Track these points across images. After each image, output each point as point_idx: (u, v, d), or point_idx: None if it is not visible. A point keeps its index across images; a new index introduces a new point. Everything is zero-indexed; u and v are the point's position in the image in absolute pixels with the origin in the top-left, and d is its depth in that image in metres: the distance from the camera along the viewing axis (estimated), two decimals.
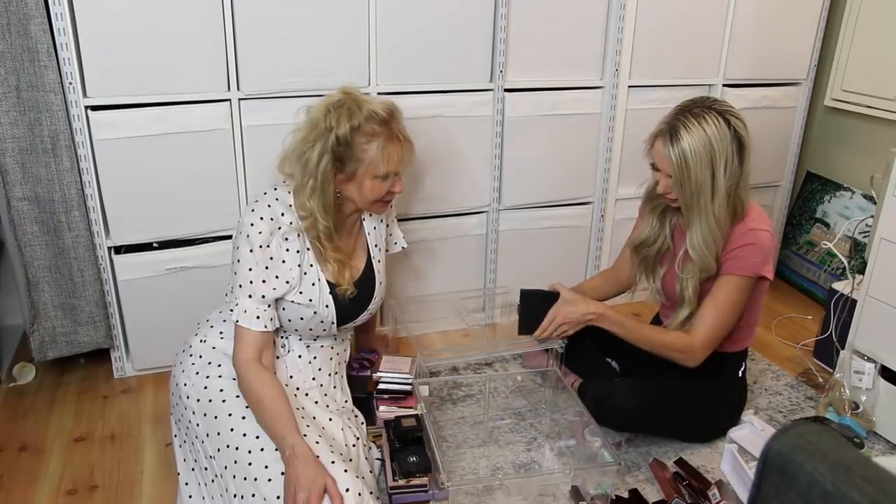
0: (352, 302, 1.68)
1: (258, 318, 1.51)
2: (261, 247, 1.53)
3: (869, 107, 2.49)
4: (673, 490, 1.65)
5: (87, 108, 1.84)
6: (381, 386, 1.93)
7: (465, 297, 2.39)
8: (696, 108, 1.60)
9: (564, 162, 2.39)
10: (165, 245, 2.03)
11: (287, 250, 1.57)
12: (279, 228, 1.56)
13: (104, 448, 1.83)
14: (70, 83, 1.81)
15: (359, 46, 2.02)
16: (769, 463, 0.75)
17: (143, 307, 2.05)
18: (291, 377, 1.60)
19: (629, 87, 2.36)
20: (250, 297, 1.52)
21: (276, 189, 1.62)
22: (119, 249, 2.01)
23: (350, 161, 1.55)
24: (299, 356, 1.64)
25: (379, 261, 1.77)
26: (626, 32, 2.29)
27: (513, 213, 2.41)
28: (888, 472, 0.68)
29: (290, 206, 1.59)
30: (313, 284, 1.60)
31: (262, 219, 1.54)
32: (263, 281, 1.53)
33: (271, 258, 1.54)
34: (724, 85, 2.50)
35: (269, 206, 1.57)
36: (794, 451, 0.73)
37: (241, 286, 1.52)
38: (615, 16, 2.26)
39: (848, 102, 2.56)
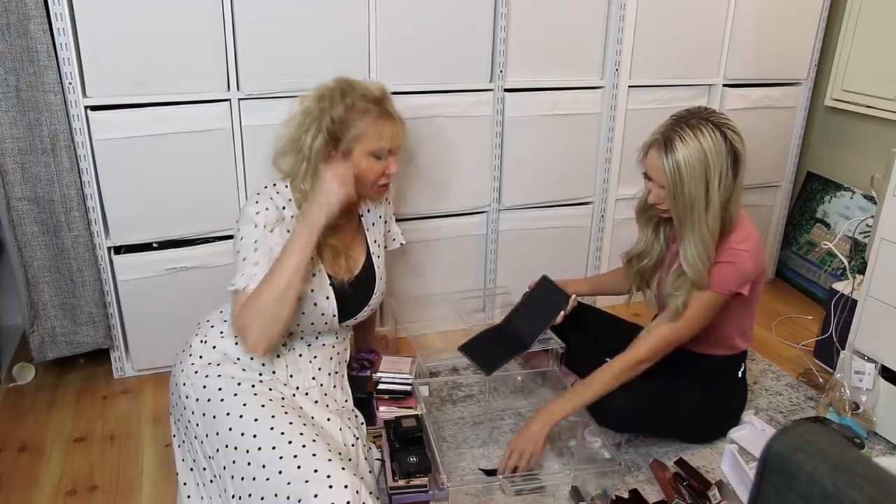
0: (353, 296, 1.67)
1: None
2: (265, 226, 1.54)
3: (869, 107, 2.49)
4: (673, 490, 1.65)
5: (86, 108, 1.84)
6: (381, 386, 1.93)
7: (465, 297, 2.39)
8: (693, 119, 1.57)
9: (564, 162, 2.39)
10: (165, 245, 2.03)
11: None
12: (283, 219, 1.58)
13: (104, 448, 1.83)
14: (70, 83, 1.81)
15: (359, 46, 2.02)
16: (769, 463, 0.75)
17: (143, 307, 2.05)
18: (292, 376, 1.60)
19: (629, 87, 2.36)
20: (257, 263, 1.51)
21: (275, 185, 1.63)
22: (119, 249, 2.01)
23: (345, 139, 1.57)
24: (300, 355, 1.64)
25: (378, 256, 1.77)
26: (626, 32, 2.29)
27: (513, 213, 2.41)
28: (888, 472, 0.68)
29: (290, 200, 1.61)
30: (313, 275, 1.59)
31: (266, 208, 1.57)
32: (271, 249, 1.53)
33: (272, 248, 1.54)
34: (724, 85, 2.50)
35: (271, 198, 1.59)
36: (794, 452, 0.73)
37: (245, 259, 1.52)
38: (615, 16, 2.26)
39: (848, 102, 2.56)
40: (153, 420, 1.94)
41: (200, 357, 1.56)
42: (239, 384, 1.50)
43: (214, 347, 1.57)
